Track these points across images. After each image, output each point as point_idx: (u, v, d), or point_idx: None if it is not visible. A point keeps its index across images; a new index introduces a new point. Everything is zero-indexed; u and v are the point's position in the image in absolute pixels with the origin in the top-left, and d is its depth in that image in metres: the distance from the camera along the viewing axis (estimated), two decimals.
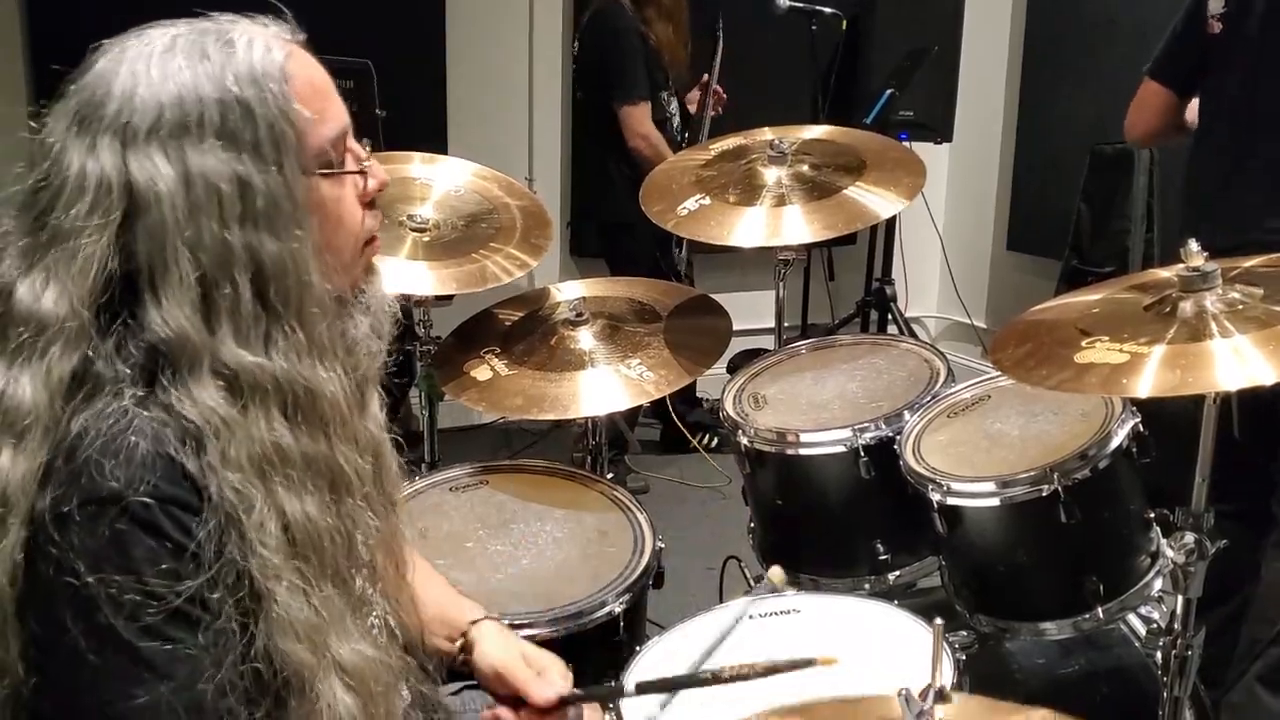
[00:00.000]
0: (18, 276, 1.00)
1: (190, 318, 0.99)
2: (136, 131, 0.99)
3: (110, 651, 0.94)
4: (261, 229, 1.01)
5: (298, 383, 1.04)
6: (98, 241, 0.98)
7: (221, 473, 0.99)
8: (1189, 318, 1.51)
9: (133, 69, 1.01)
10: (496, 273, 2.26)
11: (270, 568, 1.00)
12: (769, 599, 1.83)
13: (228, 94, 1.01)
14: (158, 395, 0.99)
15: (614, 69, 3.91)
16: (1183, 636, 1.66)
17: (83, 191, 0.99)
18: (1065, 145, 4.64)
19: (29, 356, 0.99)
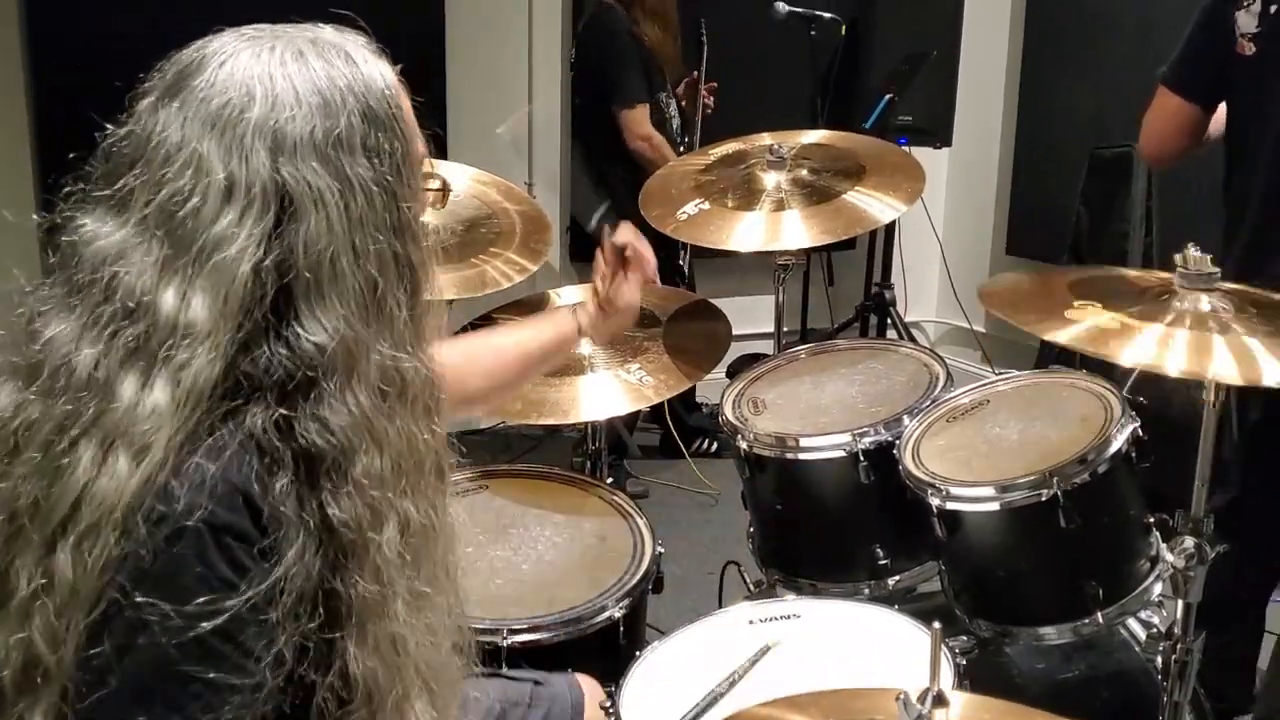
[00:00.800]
0: (159, 288, 0.97)
1: (358, 323, 1.00)
2: (287, 137, 0.99)
3: (133, 674, 0.93)
4: (408, 239, 1.04)
5: (432, 384, 1.07)
6: (249, 250, 0.97)
7: (345, 490, 0.99)
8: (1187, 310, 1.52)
9: (271, 75, 1.00)
10: (496, 278, 2.27)
11: (386, 585, 1.01)
12: (769, 604, 1.83)
13: (367, 107, 1.02)
14: (292, 409, 0.98)
15: (611, 73, 3.91)
16: (1183, 641, 1.66)
17: (231, 198, 0.97)
18: (1064, 149, 4.64)
19: (168, 366, 0.96)
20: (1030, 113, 4.93)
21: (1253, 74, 2.24)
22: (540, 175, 4.47)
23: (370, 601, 1.00)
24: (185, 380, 0.96)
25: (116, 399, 0.96)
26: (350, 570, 0.99)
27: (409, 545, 1.04)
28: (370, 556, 1.00)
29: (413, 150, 1.07)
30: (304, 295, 0.99)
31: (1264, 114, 2.25)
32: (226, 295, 0.96)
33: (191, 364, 0.96)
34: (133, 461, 0.94)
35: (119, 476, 0.94)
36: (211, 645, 0.94)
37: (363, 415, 1.00)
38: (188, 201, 0.97)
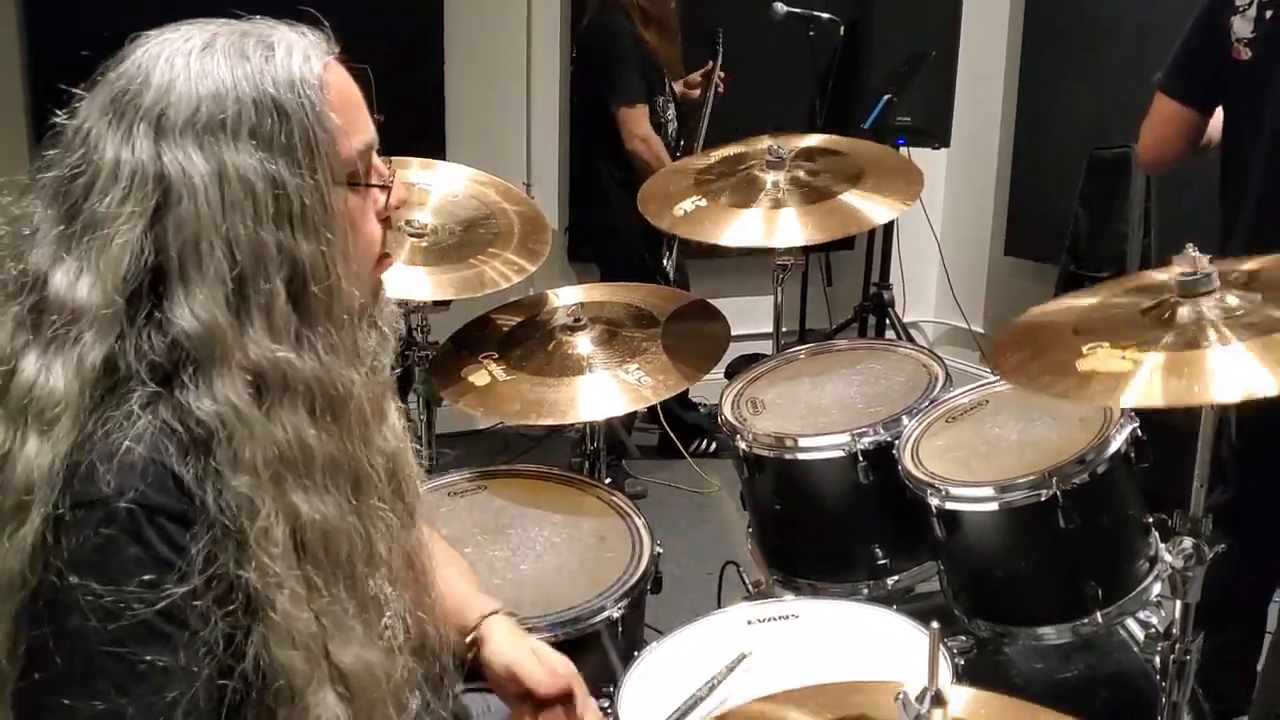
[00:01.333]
0: (52, 264, 0.99)
1: (222, 311, 0.99)
2: (172, 123, 1.00)
3: (76, 657, 0.93)
4: (296, 230, 1.02)
5: (327, 382, 1.04)
6: (131, 230, 0.98)
7: (230, 478, 0.98)
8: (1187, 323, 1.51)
9: (171, 62, 1.02)
10: (494, 278, 2.26)
11: (271, 576, 1.00)
12: (768, 604, 1.83)
13: (265, 96, 1.02)
14: (174, 394, 0.99)
15: (611, 72, 3.93)
16: (1181, 641, 1.66)
17: (116, 179, 0.99)
18: (1063, 150, 4.64)
19: (62, 345, 0.98)
20: (1029, 113, 4.93)
21: (1248, 79, 2.24)
22: (538, 175, 4.48)
23: (260, 591, 1.00)
24: (77, 360, 0.97)
25: (20, 374, 0.98)
26: (236, 557, 0.99)
27: (301, 541, 1.02)
28: (251, 545, 0.99)
29: (322, 141, 1.04)
30: (175, 279, 0.99)
31: (1259, 118, 2.25)
32: (110, 276, 0.98)
33: (81, 343, 0.97)
34: (40, 440, 0.96)
35: (27, 457, 0.95)
36: (153, 626, 0.95)
37: (230, 405, 0.99)
38: (79, 178, 1.00)
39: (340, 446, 1.06)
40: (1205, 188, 4.03)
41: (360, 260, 1.12)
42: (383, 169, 1.15)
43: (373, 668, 1.09)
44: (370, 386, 1.11)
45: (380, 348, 1.17)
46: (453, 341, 2.35)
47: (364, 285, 1.13)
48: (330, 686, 1.04)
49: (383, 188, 1.14)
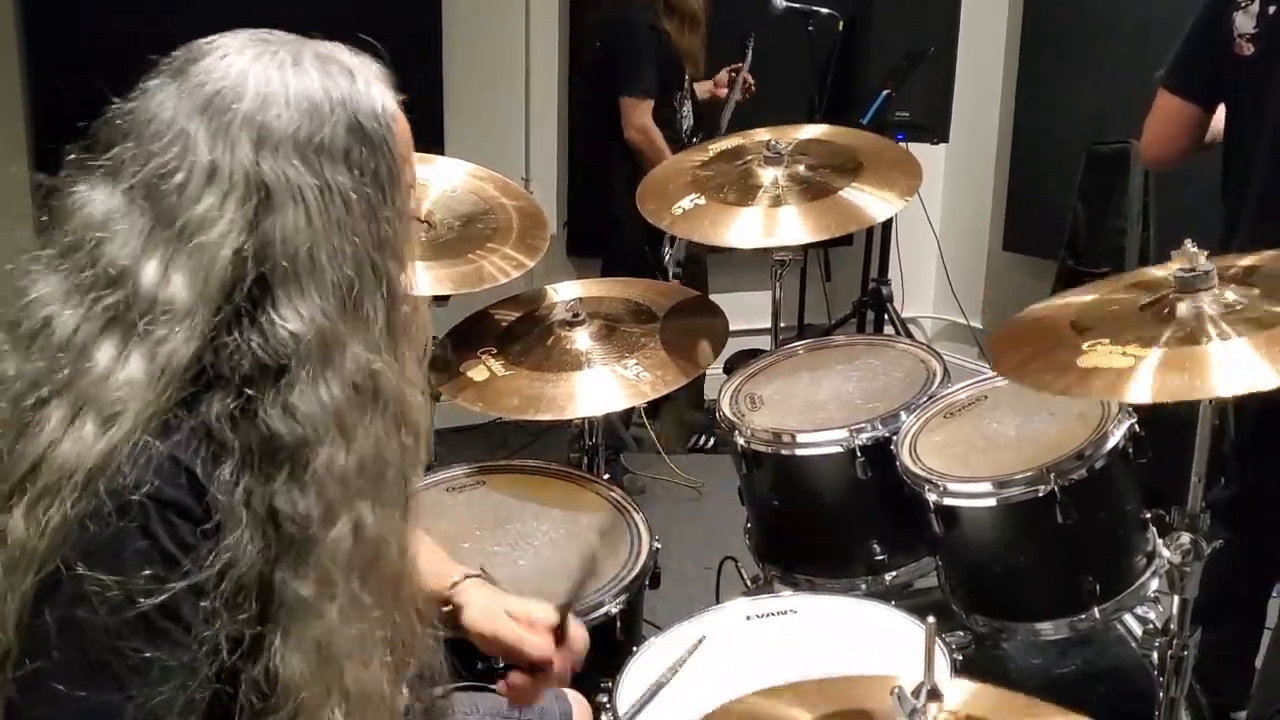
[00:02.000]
0: (141, 260, 0.99)
1: (331, 319, 1.01)
2: (272, 133, 1.01)
3: (75, 647, 0.94)
4: (385, 252, 1.05)
5: (403, 400, 1.07)
6: (230, 235, 0.98)
7: (317, 486, 0.99)
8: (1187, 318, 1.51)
9: (267, 74, 1.03)
10: (493, 273, 2.26)
11: (328, 587, 1.01)
12: (766, 600, 1.83)
13: (355, 123, 1.04)
14: (256, 397, 0.99)
15: (623, 60, 3.89)
16: (1179, 636, 1.66)
17: (213, 182, 0.99)
18: (1062, 145, 4.64)
19: (144, 340, 0.97)
20: (1028, 109, 4.93)
21: (1251, 75, 2.24)
22: (537, 170, 4.47)
23: (307, 600, 1.00)
24: (161, 356, 0.97)
25: (92, 364, 0.97)
26: (290, 565, 0.99)
27: (359, 551, 1.04)
28: (315, 555, 1.00)
29: (400, 174, 1.08)
30: (281, 284, 1.00)
31: (1261, 114, 2.25)
32: (206, 277, 0.98)
33: (169, 341, 0.97)
34: (100, 428, 0.95)
35: (83, 441, 0.95)
36: (153, 621, 0.95)
37: (333, 407, 1.00)
38: (172, 177, 0.99)
39: (403, 463, 1.08)
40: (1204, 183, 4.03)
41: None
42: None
43: (378, 690, 1.09)
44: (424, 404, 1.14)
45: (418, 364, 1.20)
46: (451, 337, 2.35)
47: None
48: (338, 704, 1.04)
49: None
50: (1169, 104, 2.37)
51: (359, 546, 1.03)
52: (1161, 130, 2.42)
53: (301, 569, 1.00)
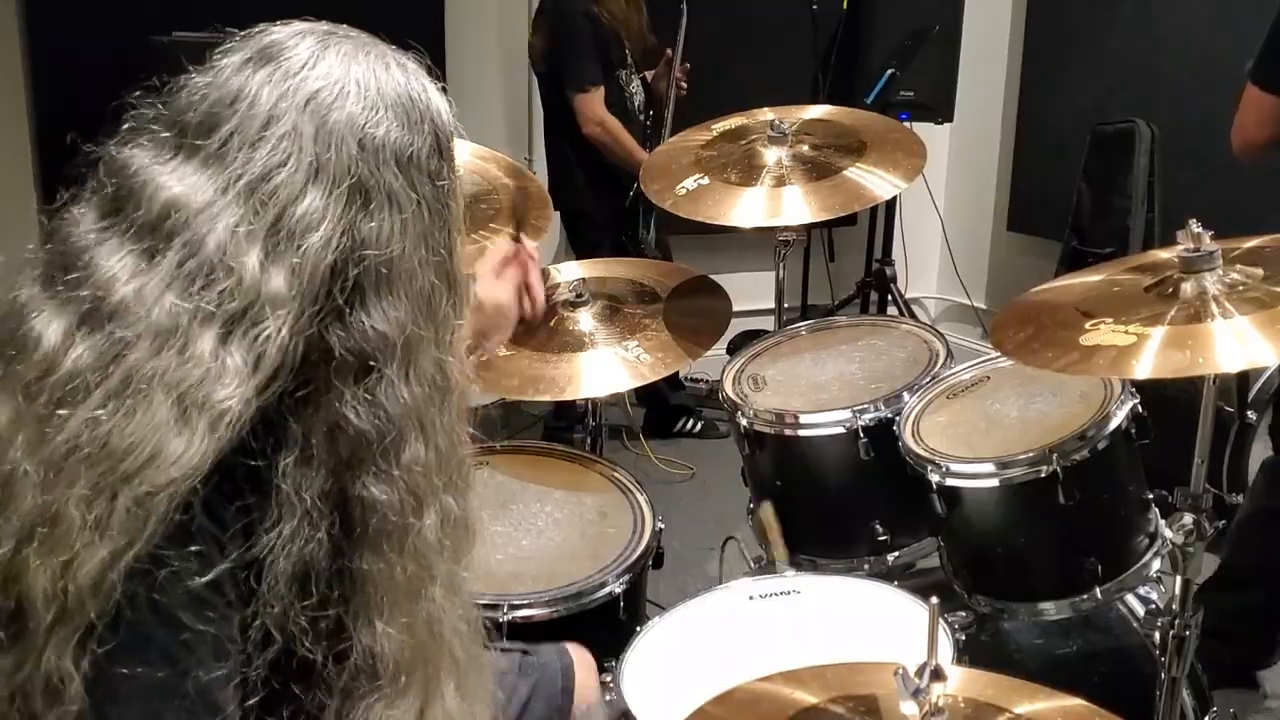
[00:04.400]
0: (245, 251, 0.97)
1: (420, 321, 1.03)
2: (372, 139, 1.02)
3: (130, 622, 0.93)
4: (455, 261, 1.09)
5: (465, 390, 1.12)
6: (332, 235, 0.99)
7: (406, 477, 1.02)
8: (1190, 298, 1.51)
9: (363, 74, 1.04)
10: None
11: (429, 569, 1.05)
12: (769, 580, 1.83)
13: (438, 139, 1.08)
14: (351, 393, 1.00)
15: (564, 57, 3.82)
16: (1180, 617, 1.66)
17: (317, 181, 0.99)
18: (1067, 125, 4.63)
19: (246, 335, 0.96)
20: (1032, 89, 4.91)
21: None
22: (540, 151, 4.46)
23: (404, 583, 1.03)
24: (268, 351, 0.96)
25: (191, 355, 0.95)
26: (377, 552, 1.02)
27: (448, 534, 1.08)
28: (409, 540, 1.03)
29: (457, 185, 1.12)
30: (373, 287, 1.01)
31: None
32: (308, 274, 0.98)
33: (273, 337, 0.96)
34: (209, 427, 0.94)
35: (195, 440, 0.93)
36: (201, 597, 0.95)
37: (415, 405, 1.03)
38: (278, 172, 0.99)
39: (465, 451, 1.12)
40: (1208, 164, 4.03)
41: None
42: None
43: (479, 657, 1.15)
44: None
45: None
46: None
47: None
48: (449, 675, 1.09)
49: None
50: (1255, 97, 2.46)
51: (447, 530, 1.07)
52: (1248, 122, 2.50)
53: (395, 555, 1.02)
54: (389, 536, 1.02)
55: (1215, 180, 3.94)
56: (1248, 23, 3.85)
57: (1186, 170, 4.14)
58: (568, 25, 3.80)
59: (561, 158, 3.98)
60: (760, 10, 4.51)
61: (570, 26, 3.80)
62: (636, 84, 4.03)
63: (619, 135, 3.81)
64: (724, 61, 4.14)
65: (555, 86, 3.90)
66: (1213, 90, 3.95)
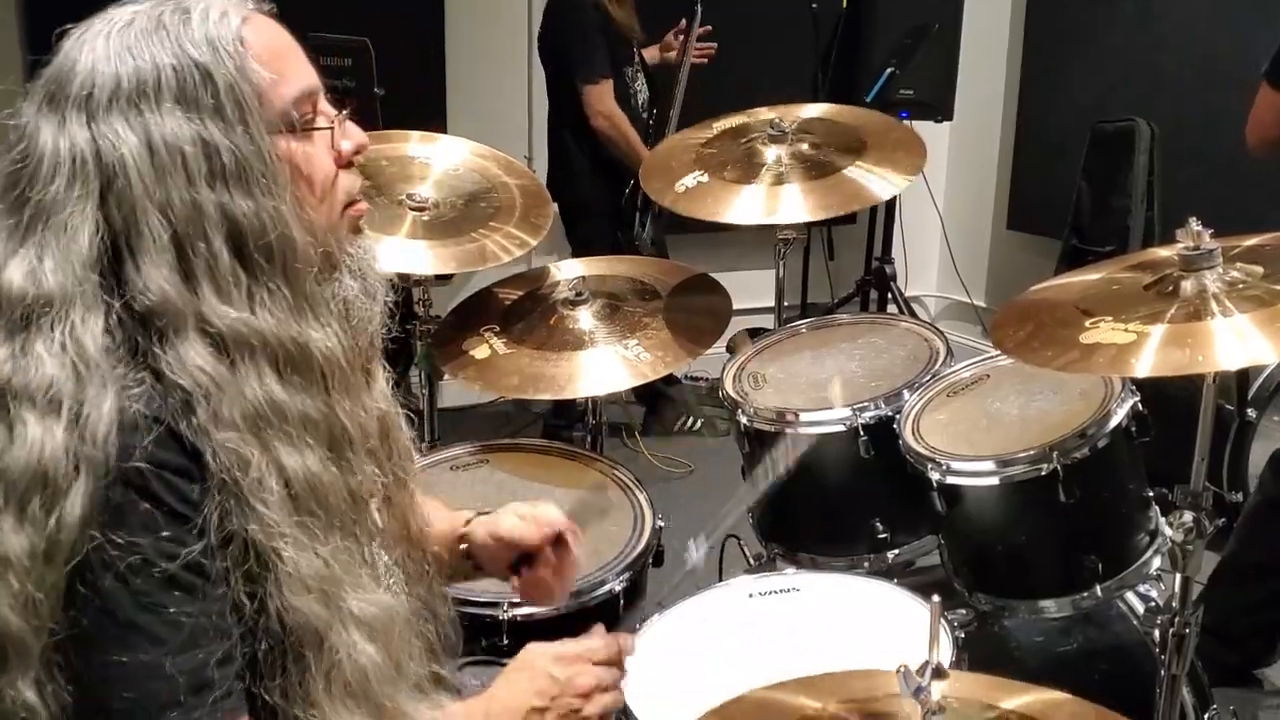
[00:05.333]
0: (5, 258, 1.01)
1: (169, 279, 1.00)
2: (98, 103, 1.01)
3: (110, 615, 0.96)
4: (233, 188, 1.03)
5: (287, 338, 1.05)
6: (83, 212, 1.00)
7: (215, 434, 1.00)
8: (1190, 296, 1.51)
9: (93, 45, 1.03)
10: (496, 252, 2.26)
11: (272, 526, 1.02)
12: (769, 577, 1.83)
13: (183, 59, 1.03)
14: (148, 361, 1.01)
15: (574, 47, 3.83)
16: (1181, 615, 1.66)
17: (58, 167, 1.00)
18: (1067, 124, 4.63)
19: (38, 331, 0.99)
20: (1032, 87, 4.91)
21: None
22: (539, 149, 4.46)
23: (264, 542, 1.02)
24: (67, 339, 0.98)
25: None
26: (242, 512, 1.01)
27: (294, 493, 1.04)
28: (247, 497, 1.01)
29: (260, 95, 1.05)
30: (126, 254, 1.01)
31: None
32: (75, 258, 0.99)
33: (65, 329, 0.99)
34: (43, 420, 0.97)
35: (32, 439, 0.96)
36: (178, 580, 0.97)
37: (197, 368, 1.00)
38: (23, 172, 1.01)
39: (312, 402, 1.07)
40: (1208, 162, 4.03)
41: (318, 209, 1.12)
42: (329, 110, 1.15)
43: (389, 609, 1.11)
44: (345, 339, 1.12)
45: (366, 294, 1.17)
46: (454, 315, 2.35)
47: (327, 234, 1.13)
48: (353, 627, 1.06)
49: (327, 129, 1.13)
50: (1270, 98, 2.48)
51: (285, 485, 1.04)
52: (1264, 122, 2.52)
53: (245, 512, 1.01)
54: (235, 495, 1.01)
55: (1216, 178, 3.94)
56: (1248, 20, 3.87)
57: (1187, 168, 4.14)
58: (579, 17, 3.81)
59: (564, 150, 3.98)
60: (760, 8, 4.51)
61: (581, 18, 3.81)
62: (641, 81, 4.04)
63: (625, 129, 3.82)
64: (724, 59, 4.13)
65: (563, 78, 3.90)
66: (1213, 88, 3.96)
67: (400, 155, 2.39)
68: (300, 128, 1.10)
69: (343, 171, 1.15)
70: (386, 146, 2.37)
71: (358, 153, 1.16)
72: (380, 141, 2.37)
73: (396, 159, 2.37)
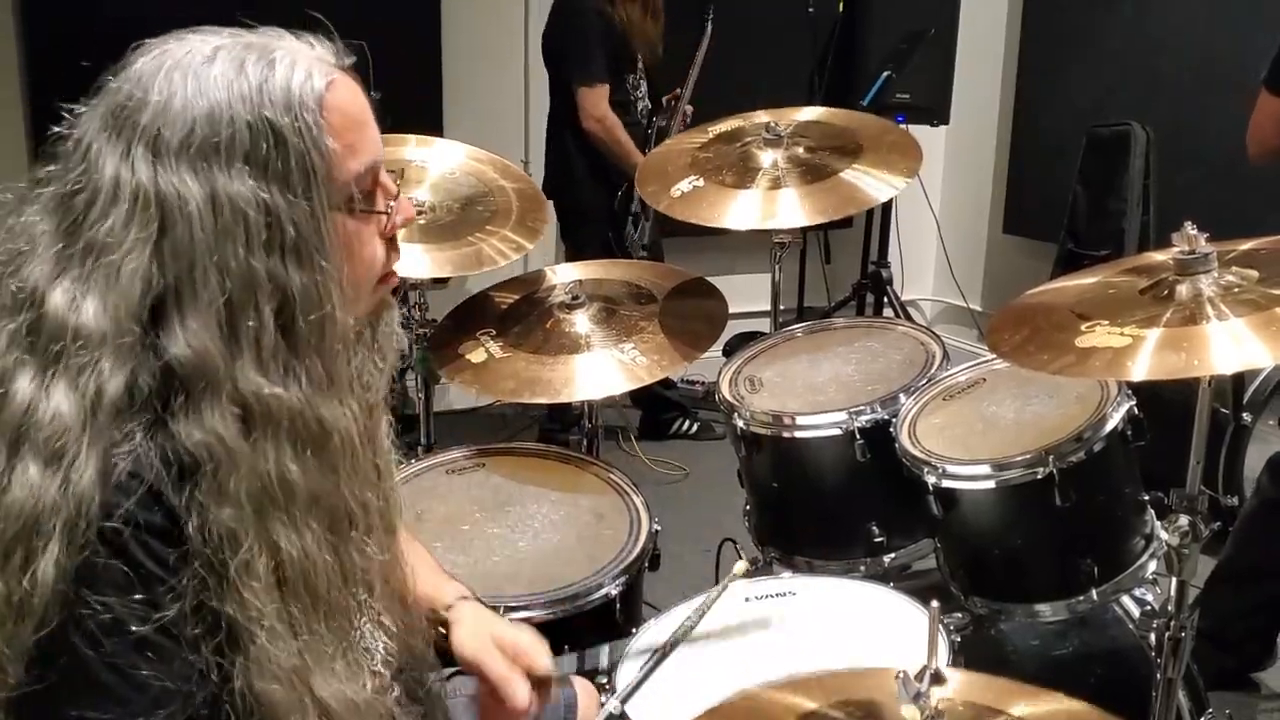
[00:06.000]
0: (51, 283, 0.97)
1: (213, 340, 0.97)
2: (168, 144, 0.97)
3: (77, 672, 0.94)
4: (288, 259, 1.00)
5: (312, 417, 1.02)
6: (139, 256, 0.96)
7: (214, 510, 0.97)
8: (1186, 300, 1.51)
9: (170, 76, 0.99)
10: (492, 255, 2.26)
11: (252, 610, 0.98)
12: (765, 581, 1.83)
13: (260, 119, 0.98)
14: (156, 421, 0.97)
15: (572, 49, 3.85)
16: (1176, 618, 1.67)
17: (117, 201, 0.97)
18: (1063, 127, 4.63)
19: (65, 370, 0.95)
20: (1028, 90, 4.92)
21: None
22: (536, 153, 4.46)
23: (241, 624, 0.99)
24: (88, 388, 0.95)
25: (11, 394, 0.96)
26: (217, 591, 0.98)
27: (282, 576, 1.01)
28: (233, 578, 0.98)
29: (329, 168, 1.02)
30: (171, 307, 0.97)
31: None
32: (118, 301, 0.96)
33: (91, 371, 0.95)
34: (47, 470, 0.93)
35: (33, 486, 0.93)
36: (150, 642, 0.95)
37: (216, 436, 0.97)
38: (79, 195, 0.98)
39: (321, 482, 1.04)
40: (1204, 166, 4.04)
41: (358, 285, 1.09)
42: (390, 186, 1.12)
43: (355, 704, 1.07)
44: (361, 416, 1.09)
45: (377, 368, 1.15)
46: (451, 319, 2.35)
47: (361, 308, 1.11)
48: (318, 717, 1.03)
49: (384, 212, 1.10)
50: (1269, 104, 2.48)
51: (278, 568, 1.01)
52: (1264, 127, 2.53)
53: (225, 593, 0.98)
54: (219, 574, 0.98)
55: (1212, 181, 3.95)
56: (1245, 23, 3.88)
57: (1184, 172, 4.15)
58: (579, 20, 3.84)
59: (562, 150, 4.00)
60: (757, 12, 4.51)
61: (581, 22, 3.83)
62: (643, 89, 4.05)
63: (617, 134, 3.83)
64: (720, 63, 4.14)
65: (562, 81, 3.91)
66: (1210, 91, 3.97)
67: (397, 159, 2.39)
68: (359, 208, 1.07)
69: (387, 245, 1.13)
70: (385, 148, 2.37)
71: (405, 226, 1.14)
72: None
73: (393, 162, 2.37)
